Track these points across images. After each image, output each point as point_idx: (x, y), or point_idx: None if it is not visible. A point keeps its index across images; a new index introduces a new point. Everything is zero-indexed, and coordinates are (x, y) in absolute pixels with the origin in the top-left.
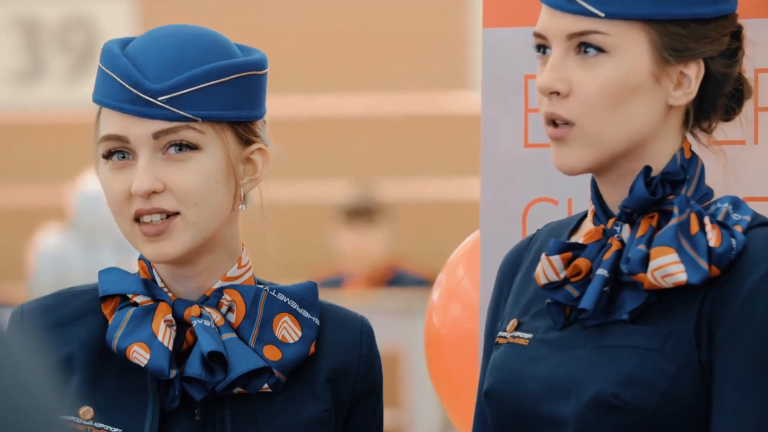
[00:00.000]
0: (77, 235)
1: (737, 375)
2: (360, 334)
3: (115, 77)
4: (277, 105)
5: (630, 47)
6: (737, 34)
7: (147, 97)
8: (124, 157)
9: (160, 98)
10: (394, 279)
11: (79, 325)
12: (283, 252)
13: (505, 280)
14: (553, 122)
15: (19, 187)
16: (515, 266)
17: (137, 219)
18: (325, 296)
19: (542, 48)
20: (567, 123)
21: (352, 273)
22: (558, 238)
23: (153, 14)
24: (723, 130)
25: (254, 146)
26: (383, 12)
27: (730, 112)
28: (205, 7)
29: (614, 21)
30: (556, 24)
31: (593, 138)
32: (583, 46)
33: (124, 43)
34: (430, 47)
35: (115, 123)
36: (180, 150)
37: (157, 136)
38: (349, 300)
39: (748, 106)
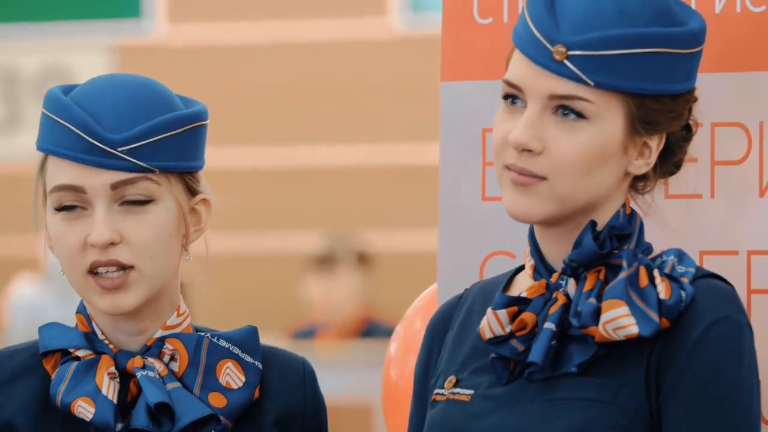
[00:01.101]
0: (52, 286)
1: (684, 425)
2: (303, 375)
3: (69, 126)
4: (250, 156)
5: (609, 116)
6: (691, 108)
7: (106, 147)
8: (74, 209)
9: (119, 149)
10: (368, 330)
11: (17, 385)
12: (256, 302)
13: (436, 338)
14: (520, 172)
15: None
16: (446, 324)
17: (91, 271)
18: (298, 348)
19: (511, 98)
20: (537, 177)
21: (324, 324)
22: (488, 297)
23: (130, 64)
24: (678, 185)
25: (199, 197)
26: (357, 64)
27: (666, 174)
28: (183, 58)
29: (599, 90)
30: (539, 82)
31: (560, 196)
32: (563, 109)
33: (66, 90)
34: (402, 99)
35: (67, 173)
36: (136, 203)
37: (115, 186)
38: (321, 352)
39: (704, 159)
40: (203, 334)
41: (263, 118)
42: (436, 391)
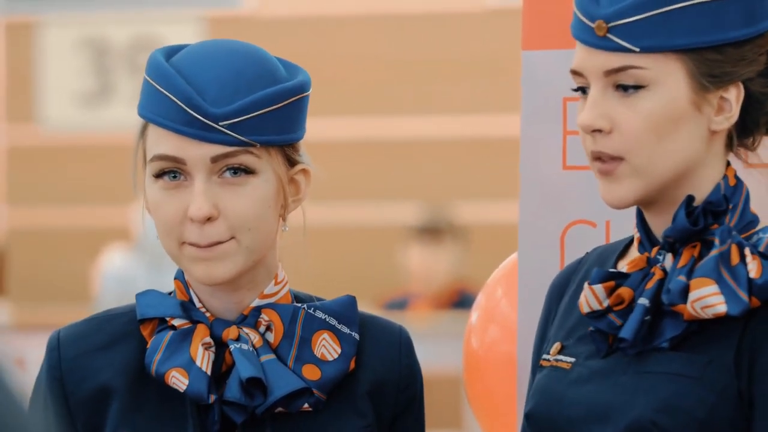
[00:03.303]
0: (142, 256)
1: None
2: (399, 345)
3: (171, 96)
4: (344, 127)
5: (668, 79)
6: None
7: (207, 121)
8: (175, 177)
9: (221, 123)
10: (460, 301)
11: (115, 350)
12: (351, 272)
13: (554, 302)
14: (599, 158)
15: (86, 208)
16: (563, 288)
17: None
18: (391, 318)
19: (581, 89)
20: (614, 158)
21: (418, 294)
22: (604, 263)
23: (220, 36)
24: (758, 154)
25: (298, 167)
26: (448, 37)
27: None
28: (274, 29)
29: (650, 54)
30: (592, 61)
31: (641, 171)
32: (622, 87)
33: (169, 53)
34: (493, 71)
35: (169, 144)
36: (236, 174)
37: (215, 160)
38: (413, 322)
39: None
40: (299, 305)
41: (356, 90)
42: (544, 356)
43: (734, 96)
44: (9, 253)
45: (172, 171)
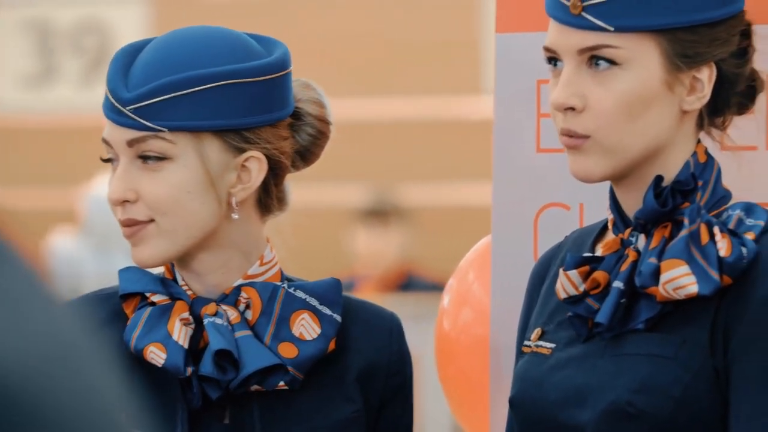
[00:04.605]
0: (89, 239)
1: (753, 382)
2: (390, 331)
3: (106, 83)
4: None
5: (642, 58)
6: (746, 32)
7: (118, 106)
8: (113, 161)
9: (128, 107)
10: (407, 283)
11: (109, 330)
12: (297, 254)
13: (535, 288)
14: (568, 134)
15: (32, 190)
16: (543, 274)
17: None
18: None
19: (553, 61)
20: (582, 136)
21: (364, 277)
22: (581, 247)
23: (166, 18)
24: (728, 136)
25: (247, 154)
26: (402, 18)
27: (743, 108)
28: (221, 10)
29: (624, 34)
30: (566, 39)
31: (610, 149)
32: (595, 59)
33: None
34: (446, 52)
35: (106, 127)
36: (151, 159)
37: (130, 144)
38: None
39: (759, 111)
40: (280, 284)
41: (304, 73)
42: (525, 342)
43: (707, 76)
44: None
45: (110, 157)
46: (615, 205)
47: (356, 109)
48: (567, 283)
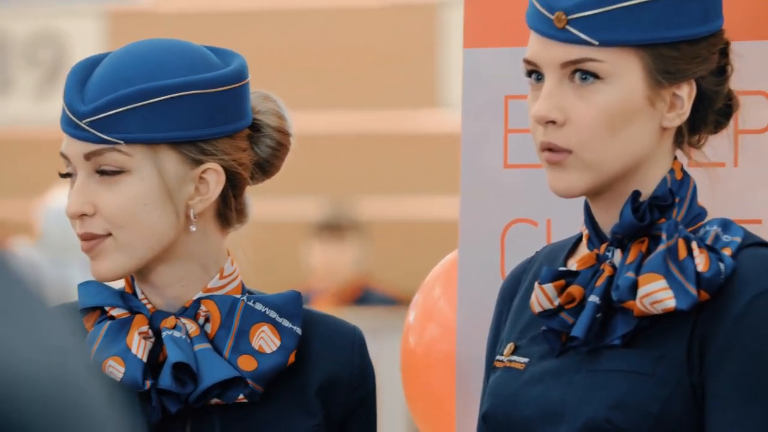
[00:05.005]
0: (45, 252)
1: (729, 397)
2: (352, 345)
3: (63, 97)
4: None
5: (624, 73)
6: (725, 51)
7: (74, 119)
8: (71, 175)
9: (84, 121)
10: (363, 297)
11: None
12: (253, 267)
13: (505, 304)
14: (548, 149)
15: None
16: (513, 290)
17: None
18: None
19: (534, 74)
20: (564, 150)
21: (320, 290)
22: (554, 262)
23: (121, 30)
24: (703, 152)
25: (204, 166)
26: (356, 30)
27: (719, 126)
28: (175, 24)
29: (608, 48)
30: (549, 52)
31: (591, 164)
32: (578, 73)
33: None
34: (402, 65)
35: (63, 141)
36: (109, 173)
37: (88, 157)
38: None
39: (728, 127)
40: (239, 297)
41: (259, 85)
42: (497, 357)
43: (686, 93)
44: None
45: (68, 172)
46: (590, 220)
47: (311, 121)
48: (542, 297)
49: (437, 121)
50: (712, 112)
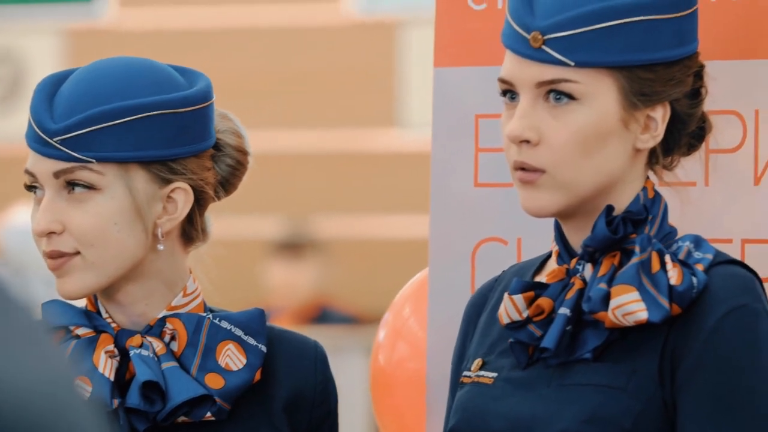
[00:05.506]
0: (6, 269)
1: (700, 414)
2: (314, 360)
3: (30, 115)
4: None
5: (599, 94)
6: (699, 74)
7: (44, 137)
8: (37, 192)
9: (55, 139)
10: (321, 316)
11: None
12: (213, 285)
13: (471, 321)
14: (522, 168)
15: None
16: (480, 307)
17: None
18: None
19: (508, 93)
20: (537, 170)
21: (279, 309)
22: (522, 279)
23: (81, 48)
24: (674, 173)
25: (173, 185)
26: (315, 49)
27: (692, 149)
28: (135, 43)
29: (583, 69)
30: (524, 72)
31: (564, 185)
32: (553, 93)
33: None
34: (362, 85)
35: (30, 159)
36: (78, 188)
37: (57, 175)
38: None
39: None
40: (204, 315)
41: (218, 104)
42: (464, 373)
43: (660, 115)
44: None
45: (34, 185)
46: (561, 237)
47: (269, 140)
48: (511, 308)
49: (396, 140)
50: (686, 134)
